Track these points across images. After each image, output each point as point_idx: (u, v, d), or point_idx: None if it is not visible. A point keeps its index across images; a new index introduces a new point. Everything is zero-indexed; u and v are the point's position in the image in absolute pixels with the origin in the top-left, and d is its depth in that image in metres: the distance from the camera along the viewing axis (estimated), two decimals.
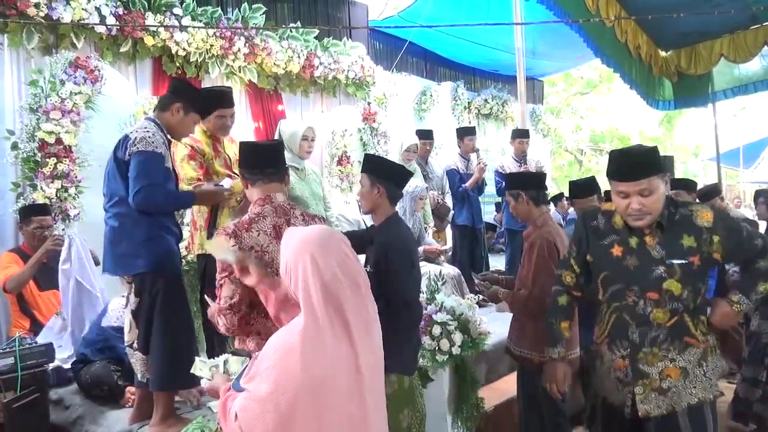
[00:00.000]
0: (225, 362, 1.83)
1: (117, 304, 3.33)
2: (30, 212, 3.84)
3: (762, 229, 4.61)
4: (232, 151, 3.45)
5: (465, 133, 5.87)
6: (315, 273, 1.47)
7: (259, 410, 1.41)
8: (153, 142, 2.64)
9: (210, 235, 3.24)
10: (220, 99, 3.33)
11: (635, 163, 2.04)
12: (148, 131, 2.67)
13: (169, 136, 2.82)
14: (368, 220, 4.03)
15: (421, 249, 4.48)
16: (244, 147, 2.36)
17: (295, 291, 1.50)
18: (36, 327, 3.67)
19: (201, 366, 1.86)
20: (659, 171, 2.04)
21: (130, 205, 2.63)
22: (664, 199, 2.07)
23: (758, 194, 4.79)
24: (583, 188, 3.72)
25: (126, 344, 2.81)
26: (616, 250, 2.16)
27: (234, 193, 3.19)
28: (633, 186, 2.01)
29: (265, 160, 2.25)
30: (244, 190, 2.30)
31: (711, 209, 2.09)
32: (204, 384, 1.84)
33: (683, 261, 2.05)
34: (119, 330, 3.13)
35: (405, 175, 2.71)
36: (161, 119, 2.81)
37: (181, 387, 2.83)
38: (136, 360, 2.78)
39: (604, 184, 2.95)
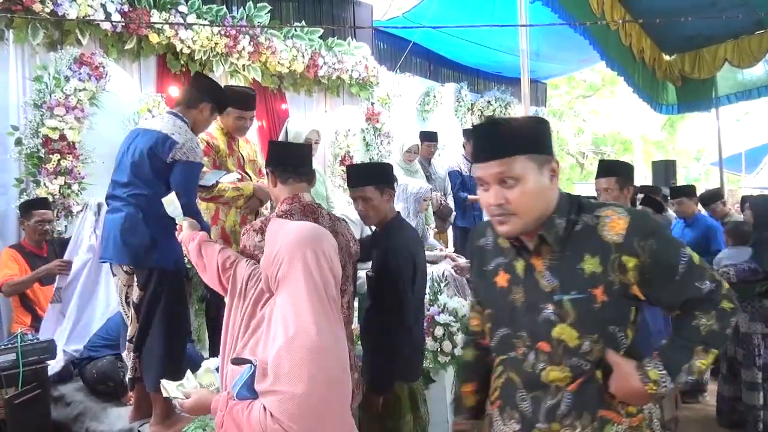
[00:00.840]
0: (195, 377, 1.77)
1: None
2: (30, 206, 3.83)
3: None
4: (245, 150, 3.49)
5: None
6: (317, 267, 1.55)
7: (300, 408, 1.43)
8: (197, 152, 2.69)
9: (226, 237, 3.27)
10: (242, 101, 3.35)
11: (494, 136, 1.35)
12: (192, 139, 2.68)
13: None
14: None
15: (449, 266, 4.36)
16: (276, 145, 2.39)
17: (286, 278, 1.55)
18: (37, 323, 3.66)
19: (169, 388, 1.77)
20: (531, 150, 1.33)
21: (154, 199, 2.60)
22: (554, 199, 1.38)
23: (744, 200, 4.76)
24: None
25: (127, 339, 2.78)
26: (501, 279, 1.48)
27: (243, 195, 3.21)
28: (488, 168, 1.34)
29: (297, 159, 2.27)
30: (272, 188, 2.28)
31: (627, 214, 1.35)
32: (177, 403, 1.76)
33: (579, 295, 1.34)
34: None
35: (389, 167, 2.69)
36: (187, 116, 2.79)
37: None
38: (131, 356, 2.74)
39: None
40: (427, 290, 3.22)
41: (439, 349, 3.04)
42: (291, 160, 2.25)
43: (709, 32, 7.57)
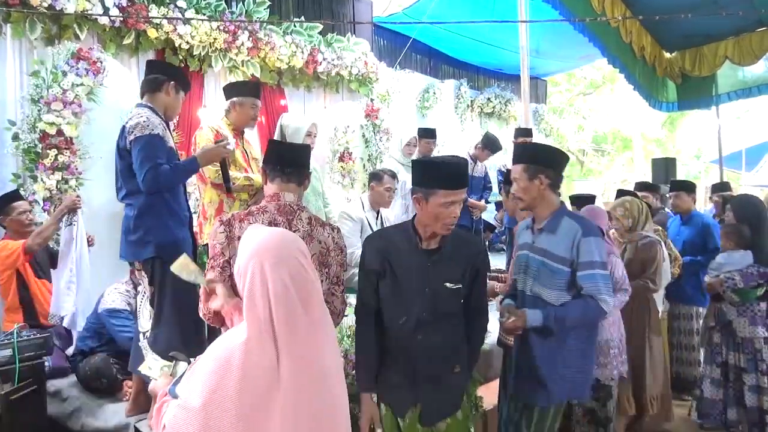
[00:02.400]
0: (175, 364, 1.75)
1: (113, 289, 3.44)
2: (8, 201, 3.73)
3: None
4: (249, 149, 3.52)
5: (488, 146, 5.74)
6: (263, 283, 1.38)
7: (186, 421, 1.31)
8: (148, 125, 2.68)
9: None
10: (255, 89, 3.45)
11: None
12: (141, 116, 2.70)
13: (164, 118, 2.84)
14: (371, 218, 4.01)
15: None
16: (272, 144, 2.38)
17: (242, 296, 1.42)
18: (30, 318, 3.63)
19: (152, 364, 1.79)
20: None
21: (140, 195, 2.70)
22: None
23: (725, 201, 4.60)
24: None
25: (141, 332, 2.83)
26: None
27: (253, 185, 3.27)
28: None
29: (287, 159, 2.25)
30: (264, 185, 2.29)
31: None
32: (149, 387, 1.76)
33: None
34: (113, 312, 3.29)
35: None
36: (155, 101, 2.84)
37: None
38: (147, 351, 2.77)
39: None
40: None
41: None
42: (279, 160, 2.24)
43: (709, 30, 7.55)
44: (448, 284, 2.16)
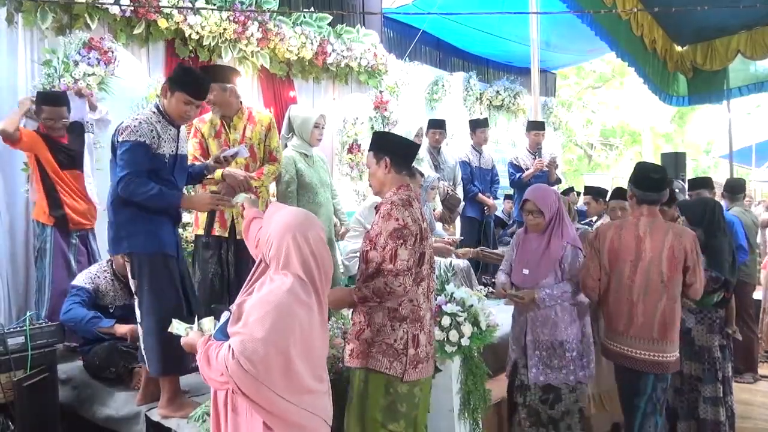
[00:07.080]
0: (199, 324, 2.00)
1: (95, 268, 3.44)
2: (42, 101, 3.76)
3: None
4: (244, 132, 3.43)
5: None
6: (297, 250, 1.79)
7: (253, 346, 1.67)
8: (137, 131, 2.59)
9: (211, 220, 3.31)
10: (205, 85, 2.97)
11: None
12: (136, 119, 2.65)
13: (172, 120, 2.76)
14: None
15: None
16: (398, 138, 2.66)
17: (274, 258, 1.81)
18: (55, 208, 3.73)
19: (177, 325, 2.03)
20: None
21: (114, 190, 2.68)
22: None
23: (678, 206, 4.10)
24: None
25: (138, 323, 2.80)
26: None
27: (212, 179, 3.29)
28: None
29: (412, 157, 2.62)
30: (383, 173, 2.50)
31: None
32: (182, 341, 2.01)
33: None
34: (72, 288, 3.35)
35: None
36: (162, 104, 2.76)
37: (175, 372, 2.76)
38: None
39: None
40: (435, 280, 3.22)
41: (445, 339, 3.03)
42: (410, 157, 2.59)
43: (721, 23, 7.48)
44: None
